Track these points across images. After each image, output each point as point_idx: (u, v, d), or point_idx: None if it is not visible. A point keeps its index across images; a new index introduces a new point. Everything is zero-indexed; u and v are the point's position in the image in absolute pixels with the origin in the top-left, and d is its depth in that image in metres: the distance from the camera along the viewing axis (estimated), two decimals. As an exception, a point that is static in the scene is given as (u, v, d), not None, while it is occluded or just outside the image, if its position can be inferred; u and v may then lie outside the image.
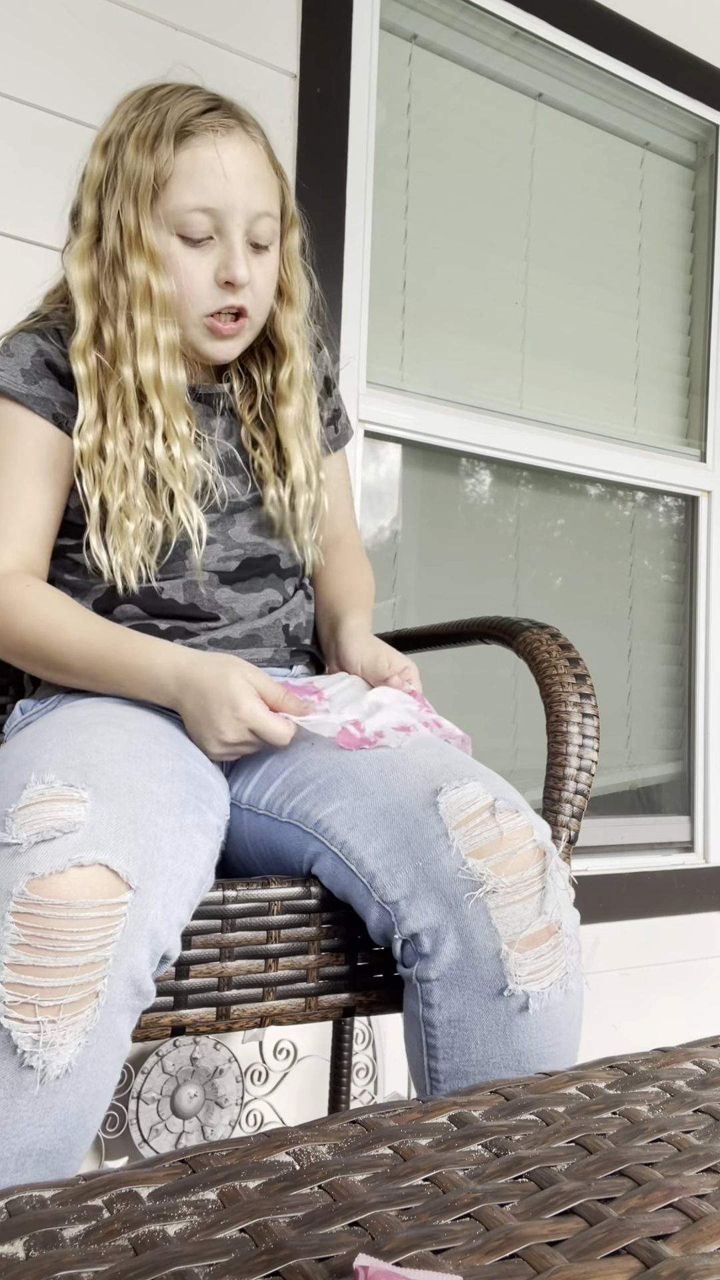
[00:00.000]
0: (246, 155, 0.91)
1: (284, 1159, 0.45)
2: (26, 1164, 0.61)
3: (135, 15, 1.43)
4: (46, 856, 0.63)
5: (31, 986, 0.60)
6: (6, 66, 1.34)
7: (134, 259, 0.90)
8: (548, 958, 0.73)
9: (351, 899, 0.79)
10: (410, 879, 0.75)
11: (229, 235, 0.91)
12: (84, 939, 0.62)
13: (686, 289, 2.16)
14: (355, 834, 0.78)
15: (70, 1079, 0.62)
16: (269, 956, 0.79)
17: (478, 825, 0.75)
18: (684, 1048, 0.62)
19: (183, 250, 0.91)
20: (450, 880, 0.73)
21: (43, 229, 1.34)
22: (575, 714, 0.94)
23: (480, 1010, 0.73)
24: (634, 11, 1.98)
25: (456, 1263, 0.37)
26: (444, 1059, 0.75)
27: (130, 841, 0.67)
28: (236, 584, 0.99)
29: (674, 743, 2.12)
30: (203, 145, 0.89)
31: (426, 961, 0.74)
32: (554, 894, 0.74)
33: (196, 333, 0.95)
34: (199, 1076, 1.38)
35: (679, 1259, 0.37)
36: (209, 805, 0.78)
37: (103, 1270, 0.36)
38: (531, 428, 1.89)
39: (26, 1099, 0.60)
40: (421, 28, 1.78)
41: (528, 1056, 0.73)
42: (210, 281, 0.92)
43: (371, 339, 1.70)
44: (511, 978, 0.72)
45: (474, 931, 0.72)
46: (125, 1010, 0.65)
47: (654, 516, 2.13)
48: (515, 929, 0.72)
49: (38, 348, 0.94)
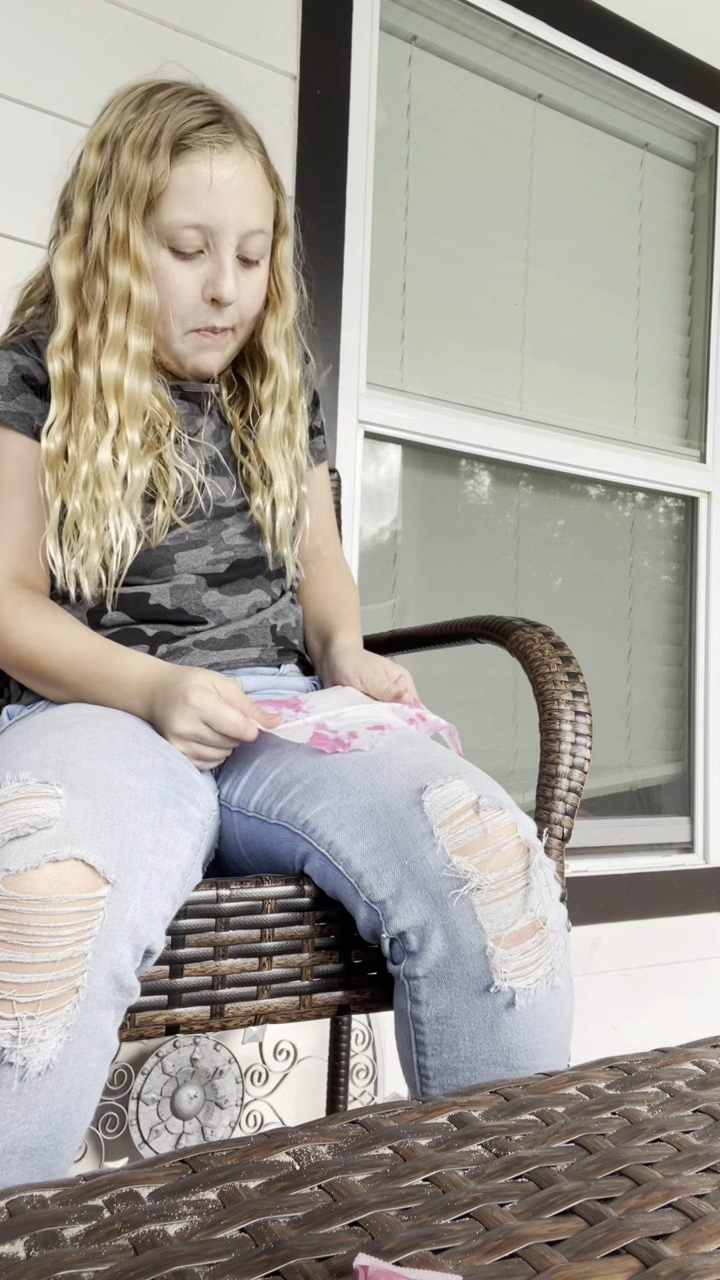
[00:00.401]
0: (243, 172, 0.91)
1: (284, 1159, 0.45)
2: (12, 1161, 0.61)
3: (135, 16, 1.43)
4: (21, 853, 0.63)
5: (8, 983, 0.60)
6: (6, 68, 1.34)
7: (117, 264, 0.90)
8: (533, 954, 0.73)
9: (341, 898, 0.80)
10: (396, 878, 0.75)
11: (220, 252, 0.91)
12: (61, 934, 0.62)
13: (686, 290, 2.16)
14: (342, 834, 0.79)
15: (53, 1075, 0.62)
16: (263, 955, 0.79)
17: (462, 823, 0.75)
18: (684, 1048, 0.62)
19: (172, 263, 0.91)
20: (435, 878, 0.74)
21: (40, 231, 1.34)
22: (568, 711, 0.94)
23: (467, 1007, 0.73)
24: (633, 13, 1.98)
25: (456, 1262, 0.37)
26: (433, 1055, 0.75)
27: (107, 836, 0.67)
28: (225, 586, 1.00)
29: (674, 743, 2.12)
30: (200, 161, 0.89)
31: (414, 959, 0.75)
32: (538, 890, 0.74)
33: (182, 346, 0.96)
34: (199, 1077, 1.38)
35: (678, 1259, 0.37)
36: (191, 800, 0.78)
37: (103, 1270, 0.36)
38: (531, 428, 1.90)
39: (7, 1096, 0.60)
40: (421, 29, 1.78)
41: (516, 1053, 0.74)
42: (197, 296, 0.93)
43: (371, 340, 1.70)
44: (497, 974, 0.72)
45: (460, 928, 0.73)
46: (108, 1006, 0.65)
47: (654, 517, 2.13)
48: (500, 925, 0.73)
49: (14, 364, 0.95)
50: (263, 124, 1.01)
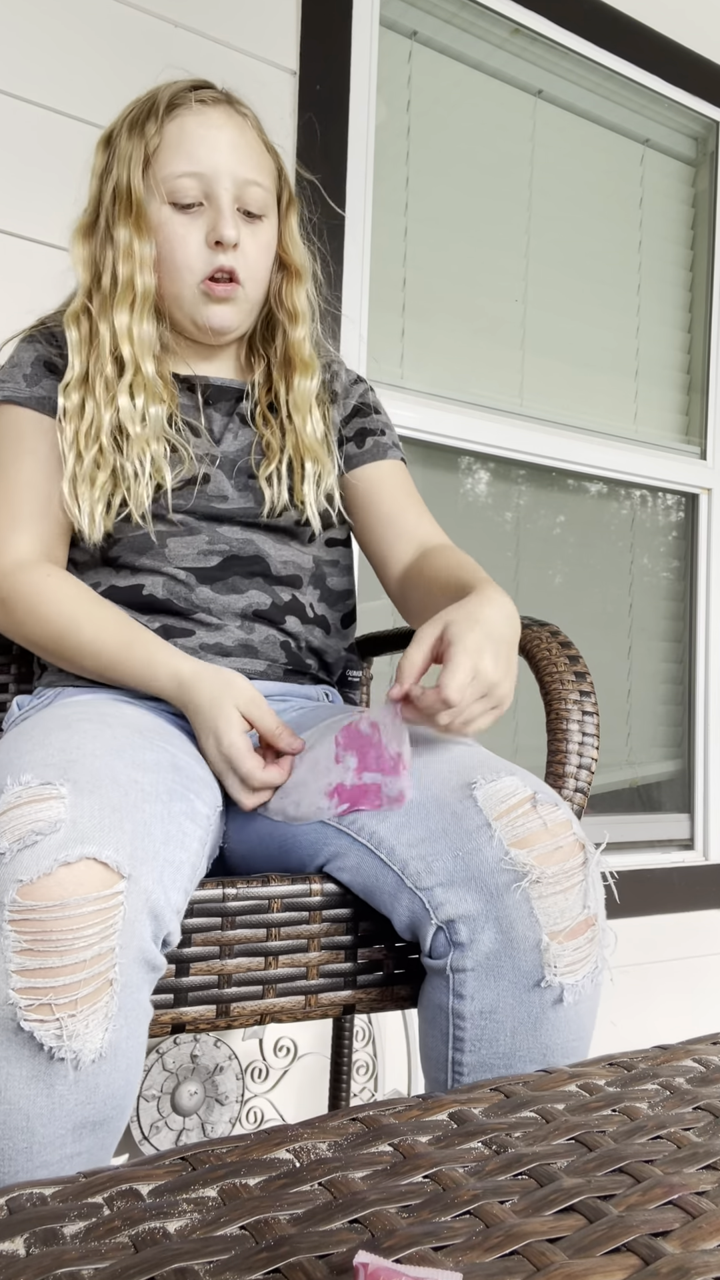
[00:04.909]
0: (232, 124, 0.96)
1: (284, 1156, 0.45)
2: (83, 1134, 0.63)
3: (134, 11, 1.43)
4: (31, 860, 0.63)
5: (43, 988, 0.61)
6: (7, 64, 1.34)
7: (122, 223, 0.95)
8: (584, 950, 0.74)
9: (377, 892, 0.79)
10: (448, 868, 0.75)
11: (217, 200, 0.95)
12: (86, 934, 0.62)
13: (687, 286, 2.16)
14: (385, 825, 0.79)
15: (107, 1061, 0.63)
16: (269, 954, 0.79)
17: (519, 816, 0.75)
18: (684, 1045, 0.62)
19: (174, 216, 0.96)
20: (492, 870, 0.73)
21: (43, 227, 1.34)
22: (575, 711, 0.94)
23: (514, 1001, 0.73)
24: (634, 8, 1.98)
25: (456, 1260, 0.37)
26: (471, 1051, 0.75)
27: (117, 830, 0.66)
28: (215, 583, 0.98)
29: (674, 740, 2.12)
30: (189, 114, 0.95)
31: (462, 951, 0.74)
32: (595, 888, 0.75)
33: (192, 299, 0.98)
34: (199, 1074, 1.38)
35: (678, 1255, 0.37)
36: (197, 795, 0.78)
37: (103, 1267, 0.36)
38: (531, 425, 1.89)
39: (67, 1085, 0.62)
40: (421, 24, 1.78)
41: (553, 1051, 0.74)
42: (201, 245, 0.96)
43: (372, 336, 1.70)
44: (549, 969, 0.72)
45: (515, 921, 0.73)
46: (143, 985, 0.66)
47: (654, 514, 2.13)
48: (556, 920, 0.73)
49: (36, 353, 1.00)
50: (263, 119, 1.02)
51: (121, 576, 0.97)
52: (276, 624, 1.00)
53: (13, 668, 1.16)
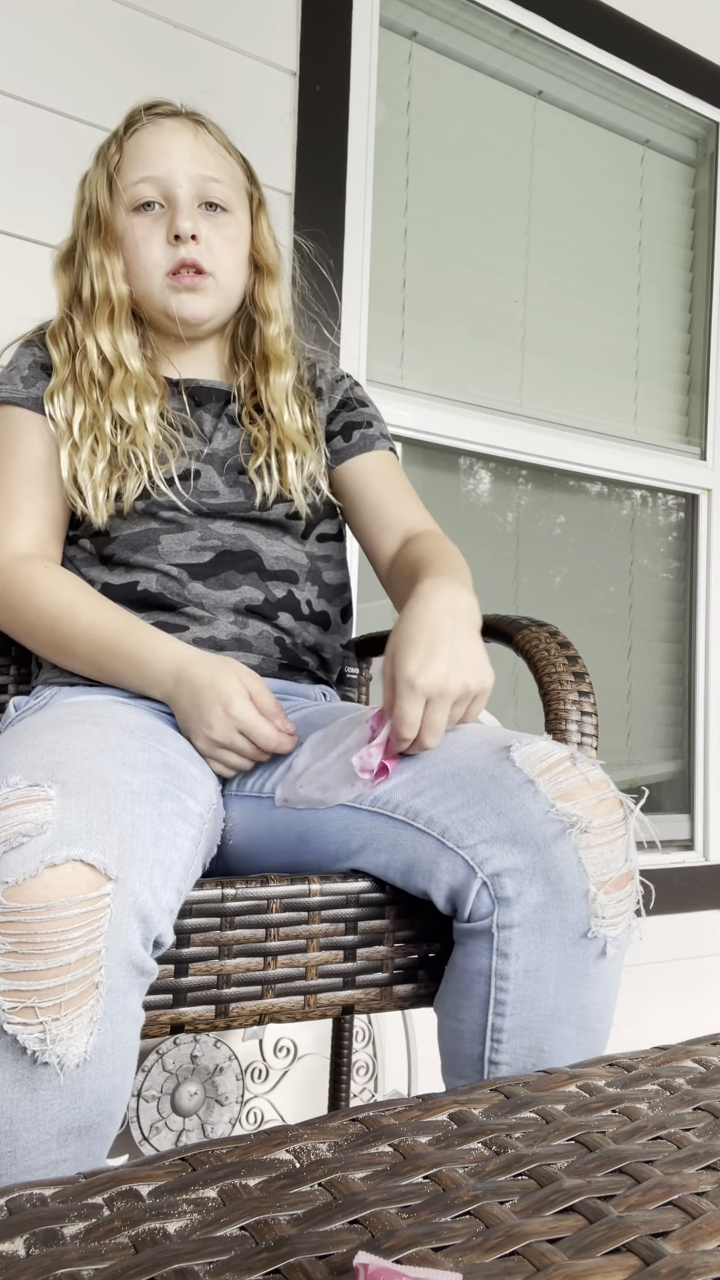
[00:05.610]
0: (187, 130, 1.01)
1: (284, 1157, 0.45)
2: (69, 1140, 0.63)
3: (134, 12, 1.43)
4: (17, 862, 0.62)
5: (27, 991, 0.60)
6: (7, 64, 1.34)
7: (93, 243, 1.01)
8: (625, 903, 0.75)
9: (416, 866, 0.79)
10: (491, 826, 0.76)
11: (174, 198, 0.99)
12: (70, 937, 0.62)
13: (687, 286, 2.16)
14: (422, 799, 0.79)
15: (92, 1065, 0.62)
16: (268, 954, 0.79)
17: (561, 773, 0.76)
18: (683, 1045, 0.62)
19: (137, 222, 1.00)
20: (539, 823, 0.74)
21: (43, 227, 1.34)
22: (574, 712, 0.94)
23: (559, 956, 0.74)
24: (634, 8, 1.98)
25: (456, 1260, 0.37)
26: (512, 1015, 0.75)
27: (104, 833, 0.66)
28: (208, 579, 0.99)
29: (674, 741, 2.12)
30: (145, 128, 1.00)
31: (508, 906, 0.75)
32: (634, 843, 0.77)
33: (160, 293, 1.01)
34: (199, 1074, 1.38)
35: (678, 1256, 0.37)
36: (189, 794, 0.77)
37: (103, 1268, 0.36)
38: (531, 425, 1.89)
39: (52, 1090, 0.61)
40: (421, 25, 1.78)
41: (589, 1010, 0.75)
42: (163, 243, 1.00)
43: (371, 337, 1.70)
44: (595, 919, 0.73)
45: (563, 872, 0.73)
46: (131, 990, 0.66)
47: (654, 514, 2.13)
48: (603, 870, 0.74)
49: (33, 356, 1.04)
50: (262, 120, 1.02)
51: (116, 574, 0.98)
52: (270, 619, 1.01)
53: (12, 669, 1.16)
